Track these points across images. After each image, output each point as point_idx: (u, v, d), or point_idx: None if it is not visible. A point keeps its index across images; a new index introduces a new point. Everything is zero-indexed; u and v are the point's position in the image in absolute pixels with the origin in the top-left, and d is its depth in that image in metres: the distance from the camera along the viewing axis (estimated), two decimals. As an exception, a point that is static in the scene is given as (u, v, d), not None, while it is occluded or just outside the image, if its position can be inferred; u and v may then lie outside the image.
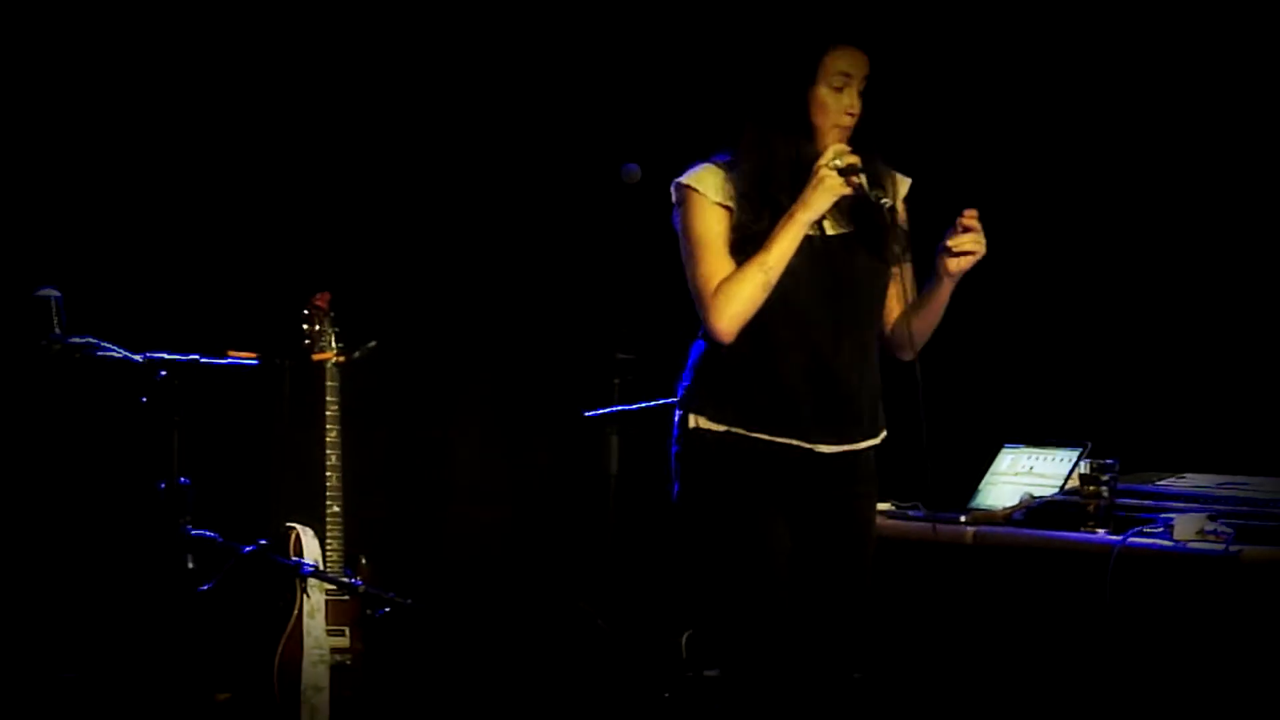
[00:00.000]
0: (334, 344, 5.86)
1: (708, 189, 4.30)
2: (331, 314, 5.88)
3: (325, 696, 5.75)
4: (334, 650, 5.78)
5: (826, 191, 4.23)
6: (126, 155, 6.20)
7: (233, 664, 5.83)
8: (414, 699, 6.18)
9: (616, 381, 5.97)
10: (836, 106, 4.31)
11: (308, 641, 5.75)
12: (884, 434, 4.45)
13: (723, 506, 4.32)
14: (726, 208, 4.30)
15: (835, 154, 4.25)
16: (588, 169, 6.37)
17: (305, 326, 5.86)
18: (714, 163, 4.36)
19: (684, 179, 4.34)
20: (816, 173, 4.24)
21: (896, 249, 4.42)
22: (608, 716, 6.21)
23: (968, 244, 4.29)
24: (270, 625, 5.77)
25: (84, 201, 6.13)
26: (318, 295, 5.88)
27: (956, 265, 4.31)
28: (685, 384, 4.41)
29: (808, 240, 4.31)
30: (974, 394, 6.01)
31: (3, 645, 5.64)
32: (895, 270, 4.44)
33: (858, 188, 4.25)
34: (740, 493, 4.32)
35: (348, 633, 5.81)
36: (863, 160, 4.30)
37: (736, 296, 4.25)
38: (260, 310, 6.08)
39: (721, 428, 4.32)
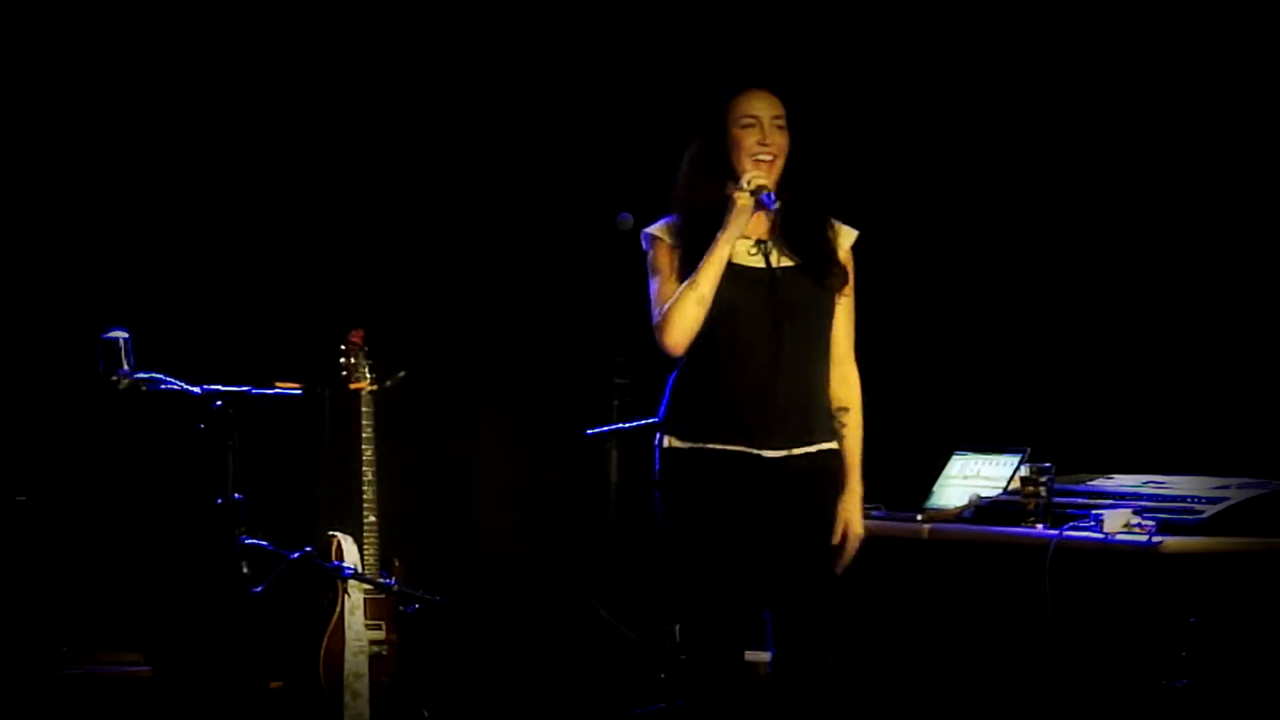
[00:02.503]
0: (368, 375, 5.88)
1: (667, 235, 4.44)
2: (365, 348, 5.90)
3: (365, 682, 5.77)
4: (372, 642, 5.81)
5: (741, 211, 4.34)
6: (185, 218, 6.22)
7: (284, 655, 5.83)
8: (442, 682, 6.15)
9: (615, 403, 6.00)
10: (748, 144, 4.40)
11: (349, 635, 5.79)
12: (829, 444, 4.43)
13: (690, 511, 4.38)
14: (678, 249, 4.42)
15: (748, 179, 4.36)
16: (587, 221, 6.35)
17: (342, 360, 5.88)
18: (672, 217, 4.47)
19: (650, 229, 4.48)
20: (732, 199, 4.36)
21: (835, 279, 4.46)
22: (610, 696, 6.22)
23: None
24: (316, 621, 5.81)
25: (147, 254, 6.15)
26: (353, 332, 5.91)
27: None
28: (661, 410, 4.50)
29: (757, 273, 4.39)
30: (927, 409, 6.00)
31: (83, 639, 5.55)
32: (839, 298, 4.48)
33: (760, 201, 4.35)
34: (704, 499, 4.37)
35: (384, 626, 5.83)
36: (797, 208, 4.41)
37: (676, 314, 4.33)
38: (302, 346, 6.07)
39: (687, 444, 4.40)
